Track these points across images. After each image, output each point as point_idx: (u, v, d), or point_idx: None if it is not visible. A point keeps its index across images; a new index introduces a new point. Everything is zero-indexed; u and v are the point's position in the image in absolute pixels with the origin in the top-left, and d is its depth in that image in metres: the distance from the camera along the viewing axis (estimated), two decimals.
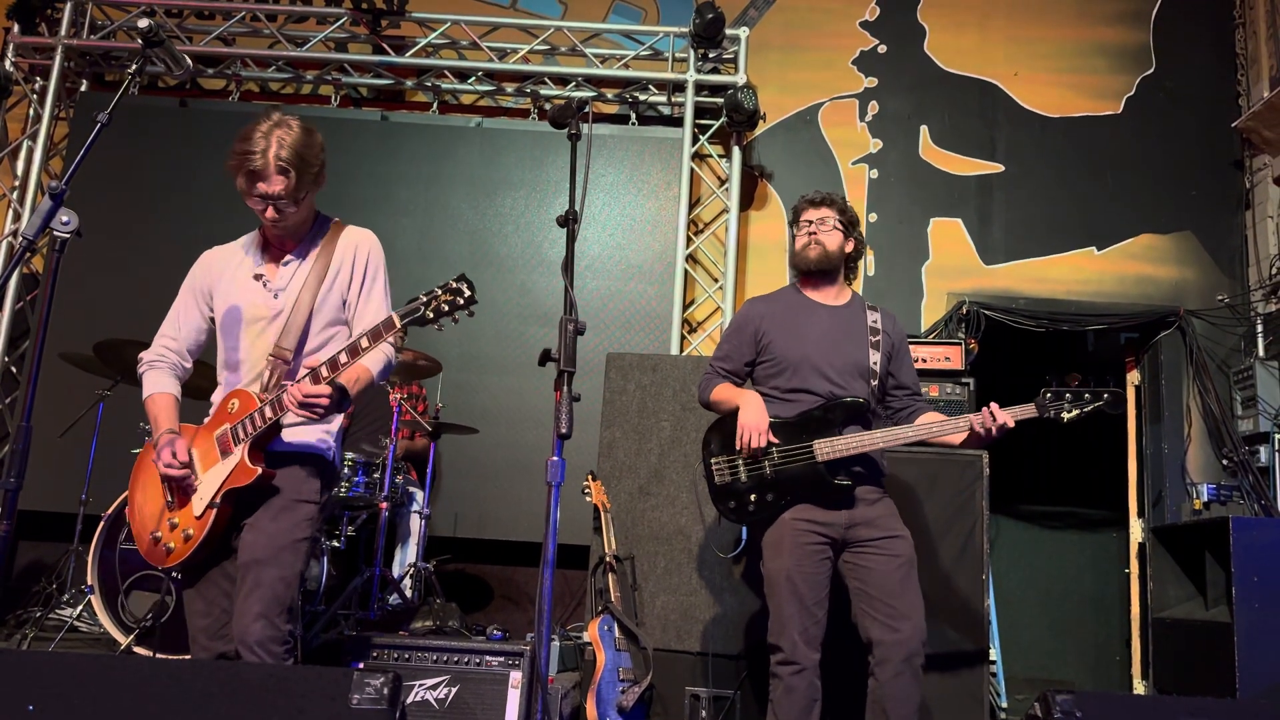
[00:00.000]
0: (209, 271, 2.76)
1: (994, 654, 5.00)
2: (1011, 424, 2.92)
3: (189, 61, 2.68)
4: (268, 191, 2.55)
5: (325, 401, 2.46)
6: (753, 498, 3.02)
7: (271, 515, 2.55)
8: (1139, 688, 5.70)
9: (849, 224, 3.24)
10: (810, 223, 3.21)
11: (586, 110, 2.62)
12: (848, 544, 2.99)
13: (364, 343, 2.47)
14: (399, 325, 2.44)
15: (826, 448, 2.96)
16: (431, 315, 2.42)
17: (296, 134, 2.56)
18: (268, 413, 2.50)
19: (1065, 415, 2.93)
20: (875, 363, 3.12)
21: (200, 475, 2.58)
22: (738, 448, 3.01)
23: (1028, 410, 2.95)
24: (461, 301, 2.41)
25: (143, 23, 2.43)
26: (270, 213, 2.60)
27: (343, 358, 2.47)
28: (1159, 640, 5.19)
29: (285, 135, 2.54)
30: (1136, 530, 5.99)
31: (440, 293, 2.42)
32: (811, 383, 3.06)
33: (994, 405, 2.93)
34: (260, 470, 2.51)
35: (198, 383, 2.89)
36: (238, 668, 2.14)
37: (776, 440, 3.00)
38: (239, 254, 2.77)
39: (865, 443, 2.98)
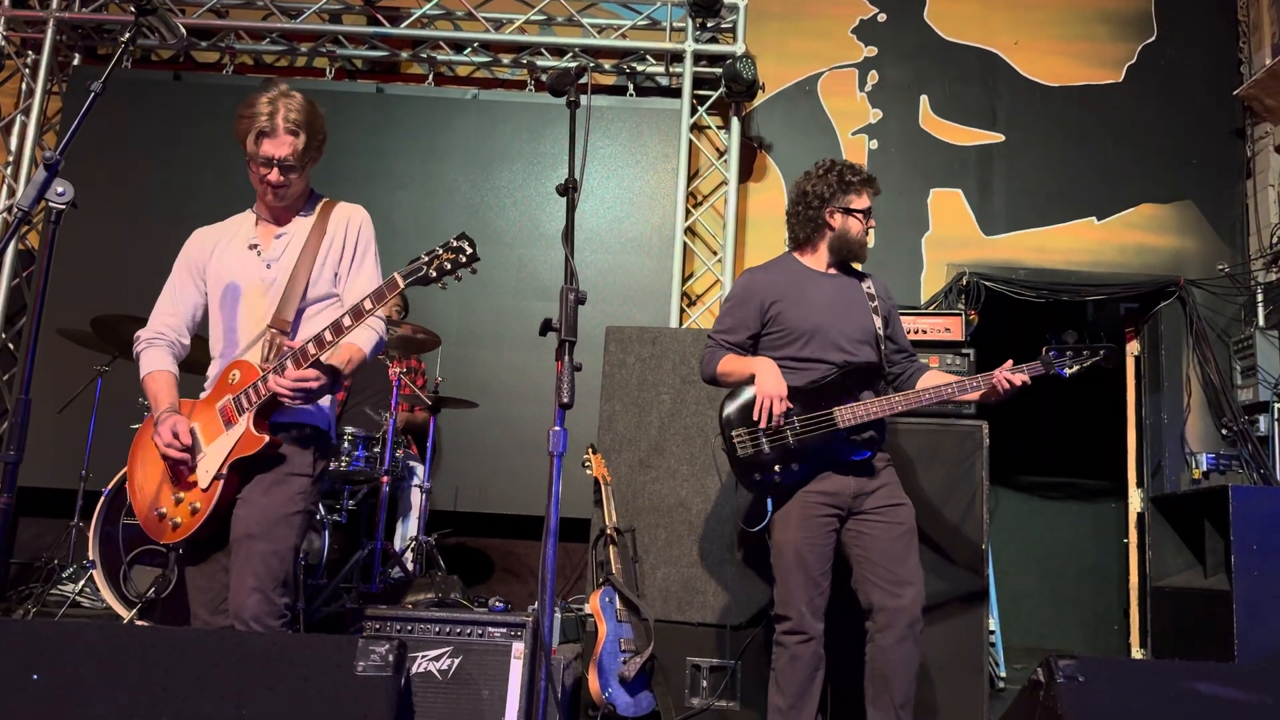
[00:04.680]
0: (202, 247, 2.77)
1: (993, 624, 5.03)
2: (1029, 381, 3.01)
3: (183, 30, 2.66)
4: (274, 154, 2.59)
5: (315, 385, 2.48)
6: (778, 468, 3.01)
7: (263, 490, 2.56)
8: (1137, 656, 5.74)
9: None
10: (869, 213, 3.19)
11: (585, 80, 2.59)
12: (853, 512, 3.01)
13: (367, 304, 2.48)
14: (402, 285, 2.45)
15: (848, 414, 2.98)
16: (434, 274, 2.42)
17: (303, 102, 2.64)
18: (271, 381, 2.49)
19: (1068, 370, 3.04)
20: (879, 328, 3.15)
21: (204, 448, 2.58)
22: (755, 417, 2.98)
23: (1035, 368, 3.04)
24: (464, 259, 2.42)
25: None
26: (275, 175, 2.61)
27: (328, 335, 2.48)
28: (1158, 609, 5.22)
29: (292, 102, 2.61)
30: (1136, 500, 6.01)
31: (441, 251, 2.43)
32: (825, 351, 3.06)
33: (1010, 364, 3.01)
34: (267, 438, 2.51)
35: (195, 356, 2.88)
36: (243, 637, 2.14)
37: (794, 407, 3.00)
38: (232, 229, 2.79)
39: (885, 407, 3.00)
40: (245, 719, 1.65)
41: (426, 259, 2.43)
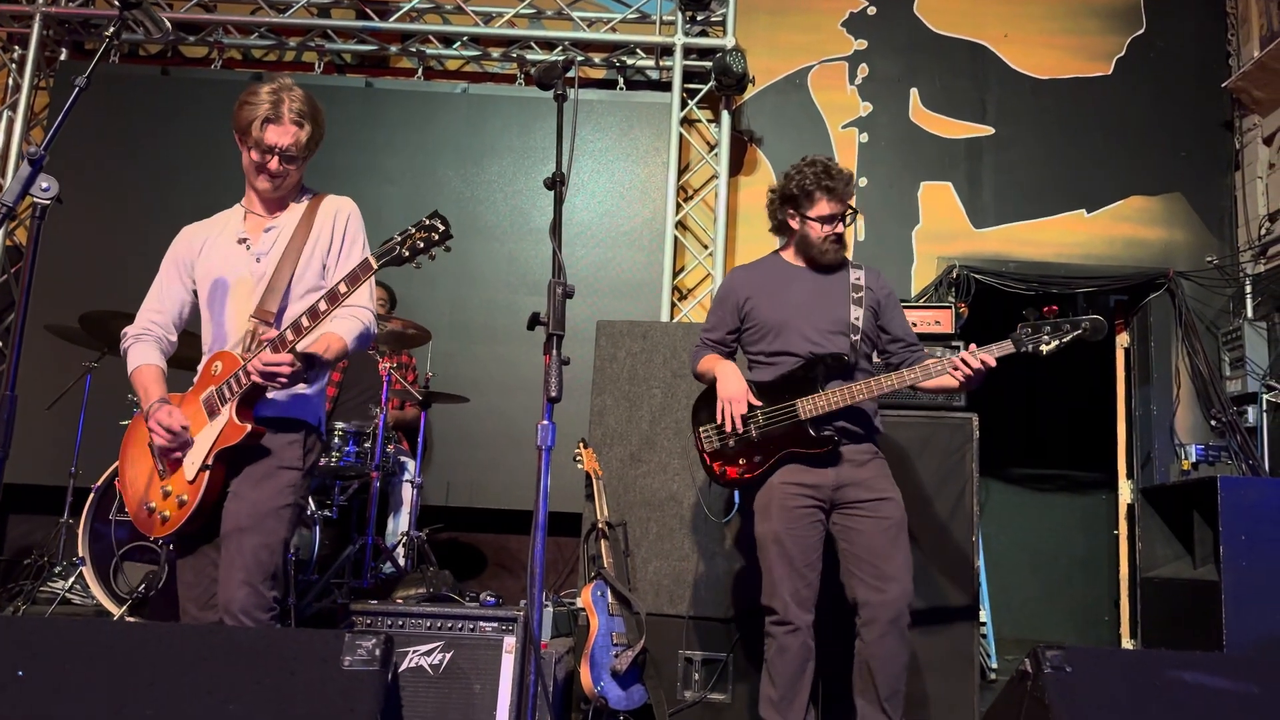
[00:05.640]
0: (190, 243, 2.76)
1: (984, 615, 5.04)
2: (992, 363, 2.86)
3: (168, 24, 2.65)
4: (277, 142, 2.59)
5: (287, 370, 2.45)
6: (741, 461, 3.03)
7: (253, 483, 2.56)
8: (1128, 646, 5.76)
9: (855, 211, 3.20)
10: (834, 219, 3.10)
11: (572, 74, 2.58)
12: (837, 505, 3.00)
13: (342, 287, 2.47)
14: (376, 266, 2.45)
15: (809, 405, 2.96)
16: (407, 253, 2.42)
17: (307, 95, 2.67)
18: (251, 364, 2.48)
19: (1044, 347, 2.83)
20: (856, 318, 3.09)
21: (191, 440, 2.57)
22: (719, 420, 3.03)
23: (1005, 347, 2.88)
24: (436, 237, 2.42)
25: None
26: (274, 164, 2.62)
27: (305, 321, 2.47)
28: (1147, 599, 5.24)
29: (297, 94, 2.64)
30: (1125, 491, 6.03)
31: (414, 230, 2.43)
32: (793, 344, 3.06)
33: (973, 346, 2.91)
34: (249, 427, 2.50)
35: (185, 353, 2.88)
36: (229, 631, 2.14)
37: (759, 403, 3.02)
38: (220, 224, 2.78)
39: (846, 396, 2.96)
40: (231, 714, 1.65)
41: (399, 238, 2.43)
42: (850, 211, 3.15)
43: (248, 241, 2.70)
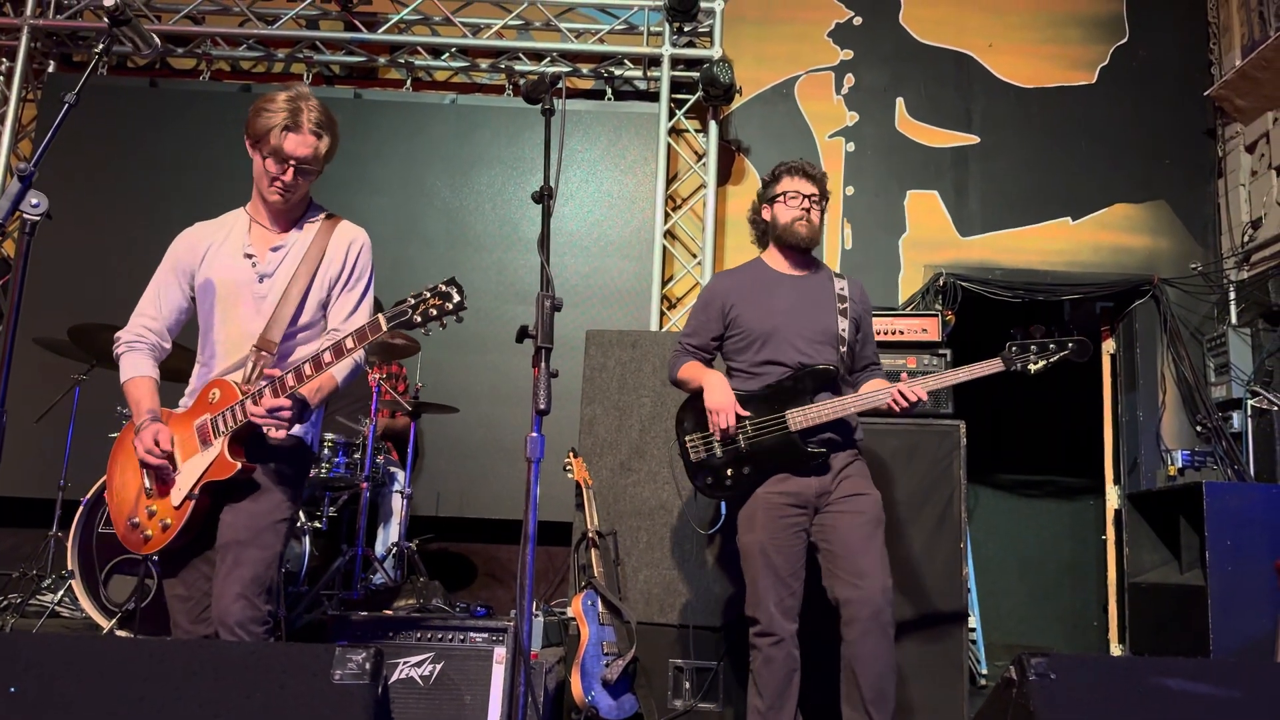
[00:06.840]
0: (193, 249, 2.69)
1: (973, 621, 5.07)
2: (924, 396, 2.92)
3: (157, 40, 2.65)
4: (295, 152, 2.55)
5: (287, 415, 2.44)
6: (729, 472, 3.02)
7: (251, 496, 2.54)
8: (1116, 651, 5.80)
9: (826, 200, 3.21)
10: (801, 196, 3.11)
11: (560, 86, 2.60)
12: (819, 510, 2.99)
13: (349, 343, 2.43)
14: (385, 328, 2.38)
15: (799, 417, 2.96)
16: (419, 320, 2.34)
17: (323, 106, 2.62)
18: (248, 408, 2.46)
19: (1032, 366, 2.91)
20: (844, 329, 3.10)
21: (179, 464, 2.55)
22: (709, 430, 3.01)
23: (994, 364, 2.93)
24: (450, 306, 2.34)
25: (108, 1, 2.39)
26: (289, 175, 2.57)
27: (308, 369, 2.44)
28: (1135, 605, 5.27)
29: (314, 104, 2.59)
30: (1112, 497, 6.07)
31: (429, 296, 2.35)
32: (781, 354, 3.05)
33: (904, 376, 2.98)
34: (240, 465, 2.48)
35: (175, 364, 2.86)
36: (220, 646, 2.14)
37: (748, 414, 3.00)
38: (224, 231, 2.71)
39: (838, 409, 2.97)
40: None
41: (413, 303, 2.35)
42: (822, 198, 3.15)
43: (254, 259, 2.64)
